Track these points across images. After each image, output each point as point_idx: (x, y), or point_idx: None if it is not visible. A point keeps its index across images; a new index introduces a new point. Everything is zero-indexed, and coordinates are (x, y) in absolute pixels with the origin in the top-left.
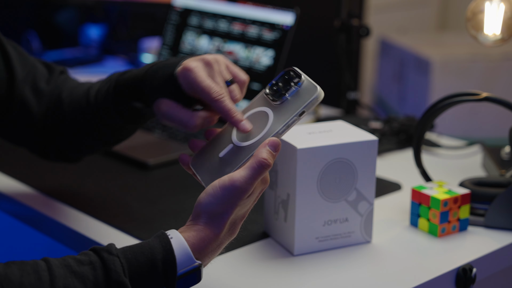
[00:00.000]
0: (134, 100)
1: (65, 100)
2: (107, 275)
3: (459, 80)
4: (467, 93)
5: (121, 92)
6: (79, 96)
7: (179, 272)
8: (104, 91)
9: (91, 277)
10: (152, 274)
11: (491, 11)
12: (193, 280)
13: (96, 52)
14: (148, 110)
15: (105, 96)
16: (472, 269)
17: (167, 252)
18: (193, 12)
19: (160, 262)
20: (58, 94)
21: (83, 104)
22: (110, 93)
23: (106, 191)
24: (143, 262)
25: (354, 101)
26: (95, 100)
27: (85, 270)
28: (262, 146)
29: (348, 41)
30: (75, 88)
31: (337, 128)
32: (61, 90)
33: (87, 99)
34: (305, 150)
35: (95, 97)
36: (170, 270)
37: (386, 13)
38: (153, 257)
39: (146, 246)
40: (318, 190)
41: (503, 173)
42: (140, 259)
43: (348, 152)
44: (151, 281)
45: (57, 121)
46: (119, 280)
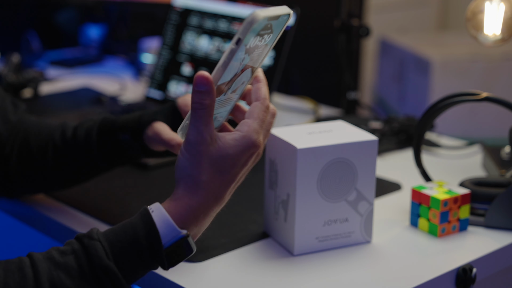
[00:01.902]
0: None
1: (32, 134)
2: (90, 261)
3: (459, 80)
4: (467, 93)
5: (110, 129)
6: (54, 130)
7: (165, 245)
8: (95, 129)
9: (76, 266)
10: (138, 251)
11: (491, 11)
12: (183, 251)
13: (96, 52)
14: (133, 145)
15: (95, 134)
16: (472, 269)
17: (149, 227)
18: (193, 12)
19: (144, 238)
20: (24, 129)
21: (58, 139)
22: (102, 130)
23: (106, 191)
24: (126, 242)
25: (354, 101)
26: (83, 136)
27: (69, 259)
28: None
29: (348, 41)
30: (45, 122)
31: (337, 128)
32: (27, 126)
33: (66, 135)
34: (305, 150)
35: (85, 133)
36: (155, 244)
37: (386, 13)
38: (136, 235)
39: (128, 225)
40: (318, 190)
41: (503, 173)
42: (123, 239)
43: (348, 152)
44: (137, 259)
45: (20, 156)
46: (103, 264)
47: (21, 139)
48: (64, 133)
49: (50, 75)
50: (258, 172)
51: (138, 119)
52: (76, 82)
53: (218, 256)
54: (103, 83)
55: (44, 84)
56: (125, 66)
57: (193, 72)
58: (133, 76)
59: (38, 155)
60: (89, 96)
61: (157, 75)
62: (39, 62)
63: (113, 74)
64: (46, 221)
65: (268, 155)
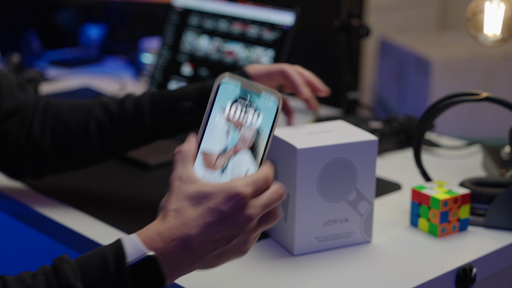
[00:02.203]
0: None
1: (66, 112)
2: (58, 281)
3: (459, 80)
4: (467, 93)
5: (165, 99)
6: (91, 107)
7: (129, 263)
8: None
9: (44, 286)
10: (104, 270)
11: (491, 11)
12: (151, 273)
13: (96, 52)
14: (194, 111)
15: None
16: (472, 269)
17: (117, 247)
18: (193, 12)
19: (111, 256)
20: (51, 107)
21: (100, 115)
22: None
23: (106, 191)
24: (94, 262)
25: (354, 101)
26: (132, 109)
27: (39, 281)
28: None
29: (348, 41)
30: (76, 102)
31: (337, 128)
32: (54, 103)
33: (110, 109)
34: (305, 150)
35: (134, 106)
36: (120, 261)
37: (386, 13)
38: (104, 255)
39: (99, 249)
40: (318, 190)
41: (503, 173)
42: (92, 261)
43: (348, 152)
44: (104, 277)
45: (54, 134)
46: (69, 283)
47: (54, 120)
48: (107, 108)
49: (50, 75)
50: None
51: (199, 88)
52: (76, 82)
53: None
54: (103, 83)
55: (44, 84)
56: (125, 66)
57: (193, 72)
58: (133, 76)
59: (78, 134)
60: (89, 96)
61: (157, 75)
62: (39, 62)
63: (113, 74)
64: (46, 221)
65: (268, 155)
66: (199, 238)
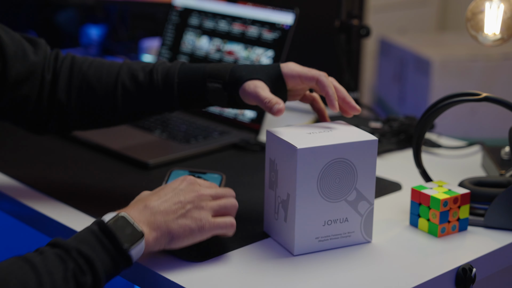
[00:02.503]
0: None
1: (92, 76)
2: (63, 249)
3: (459, 80)
4: (467, 93)
5: (195, 75)
6: (118, 73)
7: (107, 222)
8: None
9: (55, 257)
10: (94, 236)
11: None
12: (130, 228)
13: (96, 52)
14: (222, 94)
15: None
16: (472, 269)
17: (97, 221)
18: (193, 12)
19: (95, 226)
20: (77, 70)
21: (128, 83)
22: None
23: (106, 191)
24: (84, 234)
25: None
26: (161, 80)
27: (47, 255)
28: None
29: (348, 41)
30: (102, 66)
31: (337, 128)
32: (80, 66)
33: (139, 78)
34: (305, 150)
35: (163, 77)
36: (102, 225)
37: (386, 13)
38: (91, 228)
39: (83, 229)
40: (318, 190)
41: (502, 173)
42: (81, 234)
43: (348, 152)
44: (97, 242)
45: (80, 97)
46: (74, 246)
47: (80, 84)
48: (134, 77)
49: None
50: (258, 172)
51: (230, 71)
52: None
53: (218, 256)
54: None
55: None
56: None
57: None
58: None
59: (105, 100)
60: None
61: None
62: None
63: None
64: (46, 221)
65: (268, 155)
66: (158, 205)
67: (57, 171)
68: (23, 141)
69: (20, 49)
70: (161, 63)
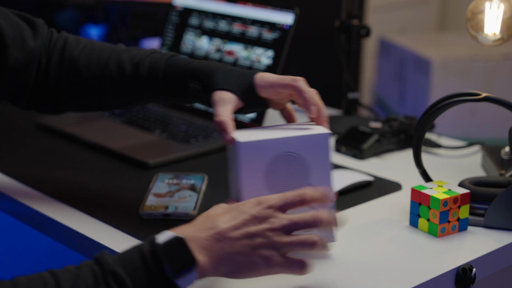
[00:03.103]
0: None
1: (82, 64)
2: (102, 269)
3: (459, 80)
4: (467, 93)
5: (179, 73)
6: (107, 63)
7: (160, 243)
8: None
9: (90, 275)
10: (141, 256)
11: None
12: (181, 250)
13: None
14: (202, 96)
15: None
16: (472, 269)
17: (150, 238)
18: (193, 12)
19: (146, 245)
20: (68, 55)
21: (115, 74)
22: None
23: (106, 191)
24: (132, 253)
25: (354, 101)
26: (146, 75)
27: (84, 270)
28: None
29: (348, 41)
30: (93, 53)
31: (301, 126)
32: (71, 52)
33: (126, 70)
34: (247, 144)
35: (148, 72)
36: (154, 243)
37: (386, 13)
38: (139, 246)
39: (135, 244)
40: (266, 186)
41: (503, 173)
42: (129, 252)
43: (295, 146)
44: (143, 266)
45: (69, 83)
46: (112, 269)
47: (69, 70)
48: (122, 68)
49: None
50: None
51: (210, 74)
52: None
53: None
54: None
55: None
56: None
57: None
58: None
59: (92, 87)
60: None
61: None
62: None
63: None
64: (46, 221)
65: (228, 158)
66: (226, 231)
67: (57, 171)
68: (23, 141)
69: (18, 35)
70: (150, 55)
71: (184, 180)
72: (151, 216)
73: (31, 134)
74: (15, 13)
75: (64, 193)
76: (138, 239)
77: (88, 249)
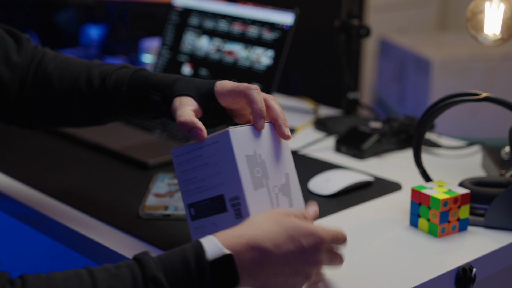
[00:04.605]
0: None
1: (54, 78)
2: (143, 272)
3: (459, 80)
4: (467, 93)
5: (141, 85)
6: (78, 78)
7: (209, 259)
8: (125, 84)
9: (129, 278)
10: (185, 267)
11: (491, 11)
12: (229, 271)
13: (96, 52)
14: (162, 107)
15: (127, 88)
16: (472, 269)
17: (196, 245)
18: (193, 12)
19: (192, 257)
20: (42, 69)
21: (84, 88)
22: (132, 87)
23: (106, 191)
24: (175, 259)
25: (354, 101)
26: (112, 88)
27: (123, 271)
28: None
29: (348, 41)
30: (67, 68)
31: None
32: (46, 66)
33: (94, 85)
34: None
35: (113, 86)
36: (201, 257)
37: (386, 13)
38: (184, 253)
39: (178, 248)
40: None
41: (503, 173)
42: (173, 257)
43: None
44: (184, 271)
45: (42, 97)
46: (153, 275)
47: (43, 84)
48: (90, 82)
49: None
50: None
51: (171, 84)
52: None
53: None
54: None
55: None
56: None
57: (193, 72)
58: None
59: (62, 100)
60: None
61: None
62: None
63: None
64: (46, 221)
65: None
66: (274, 257)
67: (57, 171)
68: (23, 141)
69: (3, 50)
70: (118, 69)
71: None
72: (151, 216)
73: (31, 134)
74: (1, 26)
75: (64, 193)
76: (138, 239)
77: (88, 249)
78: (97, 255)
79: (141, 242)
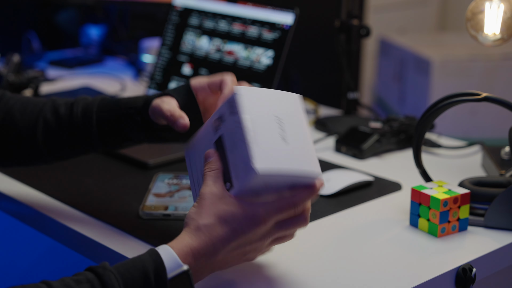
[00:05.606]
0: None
1: (17, 110)
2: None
3: (459, 80)
4: (467, 93)
5: (112, 106)
6: (42, 108)
7: (170, 277)
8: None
9: None
10: (146, 284)
11: (491, 11)
12: (186, 286)
13: (97, 53)
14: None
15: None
16: (472, 269)
17: (157, 261)
18: (193, 12)
19: (152, 273)
20: (3, 104)
21: (49, 116)
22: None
23: (106, 191)
24: (136, 275)
25: (354, 101)
26: (80, 115)
27: (84, 287)
28: None
29: (348, 41)
30: (29, 101)
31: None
32: (7, 100)
33: (60, 112)
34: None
35: (82, 111)
36: (162, 276)
37: (386, 13)
38: (145, 269)
39: (137, 260)
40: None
41: (503, 173)
42: (133, 272)
43: None
44: None
45: (3, 131)
46: None
47: (4, 116)
48: (56, 110)
49: (50, 75)
50: None
51: (144, 96)
52: (76, 82)
53: None
54: (103, 83)
55: (44, 84)
56: (125, 67)
57: (193, 72)
58: (133, 76)
59: (25, 132)
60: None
61: (157, 75)
62: (39, 63)
63: (113, 75)
64: (46, 221)
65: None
66: (222, 256)
67: (57, 171)
68: None
69: None
70: (84, 98)
71: (184, 180)
72: (151, 216)
73: None
74: None
75: (64, 193)
76: (138, 239)
77: (88, 249)
78: (97, 255)
79: (141, 242)
